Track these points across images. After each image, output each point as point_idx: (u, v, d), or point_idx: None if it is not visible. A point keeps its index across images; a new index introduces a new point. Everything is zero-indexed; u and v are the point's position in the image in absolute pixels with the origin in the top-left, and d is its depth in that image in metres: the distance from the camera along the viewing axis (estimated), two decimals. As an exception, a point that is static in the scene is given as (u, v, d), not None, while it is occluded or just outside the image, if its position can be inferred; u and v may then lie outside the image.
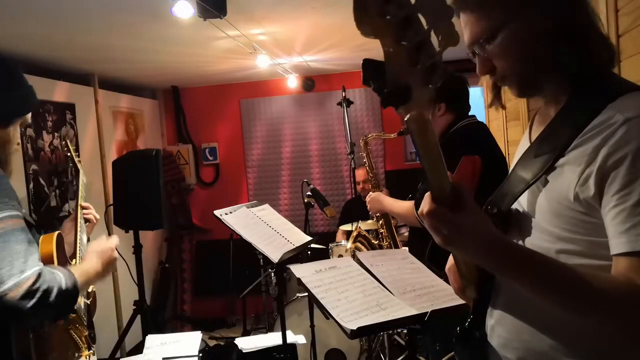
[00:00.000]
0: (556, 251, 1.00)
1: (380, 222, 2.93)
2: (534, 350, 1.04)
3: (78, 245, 2.13)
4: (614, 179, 0.91)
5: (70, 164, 2.60)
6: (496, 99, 1.21)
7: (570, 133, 0.99)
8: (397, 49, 0.73)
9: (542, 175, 1.02)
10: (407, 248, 2.86)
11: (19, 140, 1.83)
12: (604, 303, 0.89)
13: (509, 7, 1.03)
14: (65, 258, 1.96)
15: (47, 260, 1.78)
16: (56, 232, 1.91)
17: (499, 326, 1.12)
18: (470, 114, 2.41)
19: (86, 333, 1.97)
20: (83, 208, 2.29)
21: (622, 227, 0.89)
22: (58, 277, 1.55)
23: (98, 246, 1.92)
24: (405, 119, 0.77)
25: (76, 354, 1.90)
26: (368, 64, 0.79)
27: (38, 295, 1.45)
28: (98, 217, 2.35)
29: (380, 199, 2.67)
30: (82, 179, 2.47)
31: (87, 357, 1.96)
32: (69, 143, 2.61)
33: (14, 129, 1.77)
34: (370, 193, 2.80)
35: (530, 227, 1.06)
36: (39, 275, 1.48)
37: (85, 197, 2.39)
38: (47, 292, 1.48)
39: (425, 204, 0.87)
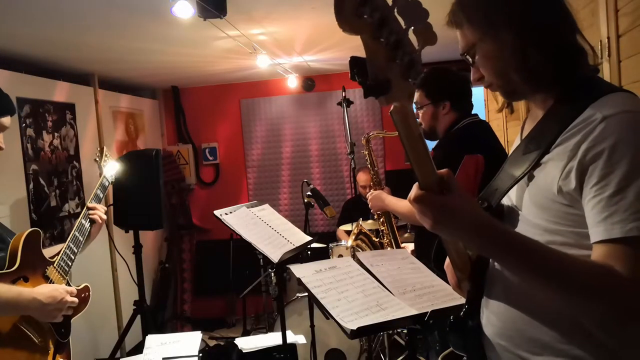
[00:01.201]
0: (543, 243, 1.03)
1: (382, 219, 2.92)
2: (529, 338, 1.07)
3: (68, 242, 2.16)
4: (592, 172, 0.96)
5: (97, 168, 2.63)
6: (507, 104, 1.27)
7: (555, 131, 1.05)
8: (376, 46, 0.79)
9: (529, 171, 1.08)
10: (406, 247, 2.86)
11: (1, 145, 1.87)
12: (583, 286, 0.94)
13: (479, 28, 1.10)
14: (38, 254, 1.99)
15: (11, 255, 1.88)
16: (29, 230, 1.97)
17: (493, 315, 1.14)
18: (472, 112, 2.42)
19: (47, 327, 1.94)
20: (90, 209, 2.30)
21: (600, 217, 0.95)
22: None
23: (57, 286, 1.94)
24: (390, 111, 0.84)
25: (30, 351, 1.85)
26: (354, 60, 0.86)
27: None
28: (104, 217, 2.34)
29: (383, 197, 2.67)
30: (103, 181, 2.50)
31: (50, 353, 1.92)
32: (105, 149, 2.67)
33: None
34: (372, 191, 2.79)
35: (519, 220, 1.11)
36: None
37: (102, 200, 2.41)
38: None
39: (413, 191, 0.94)
